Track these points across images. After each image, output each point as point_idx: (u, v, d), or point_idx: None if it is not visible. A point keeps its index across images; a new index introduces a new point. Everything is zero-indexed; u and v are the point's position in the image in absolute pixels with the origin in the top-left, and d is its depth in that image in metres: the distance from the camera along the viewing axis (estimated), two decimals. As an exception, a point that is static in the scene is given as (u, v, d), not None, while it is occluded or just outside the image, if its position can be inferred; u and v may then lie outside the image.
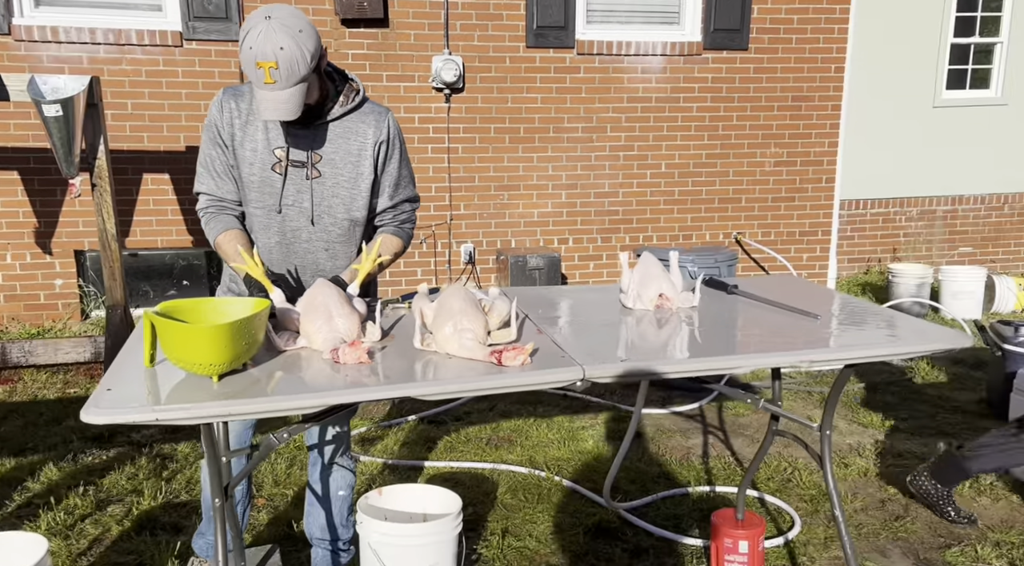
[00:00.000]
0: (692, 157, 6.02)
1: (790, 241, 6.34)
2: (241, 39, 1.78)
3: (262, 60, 1.74)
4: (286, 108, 1.80)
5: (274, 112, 1.80)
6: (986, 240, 7.34)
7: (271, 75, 1.75)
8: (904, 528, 2.85)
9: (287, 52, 1.74)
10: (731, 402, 4.16)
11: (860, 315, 2.02)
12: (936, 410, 4.04)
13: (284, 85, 1.77)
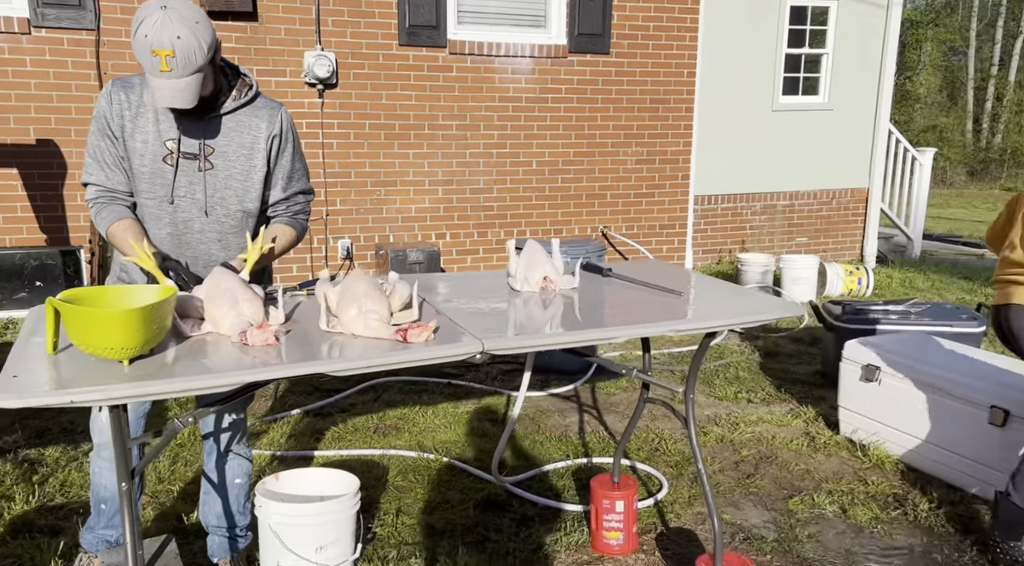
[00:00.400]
0: (561, 155, 6.32)
1: (651, 234, 6.79)
2: (134, 28, 1.80)
3: (158, 48, 1.76)
4: (183, 96, 1.83)
5: (171, 100, 1.83)
6: (818, 232, 8.17)
7: (167, 63, 1.78)
8: (754, 484, 3.21)
9: (184, 42, 1.78)
10: (603, 382, 4.45)
11: (715, 291, 2.31)
12: (780, 382, 4.52)
13: (180, 74, 1.80)
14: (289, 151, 2.17)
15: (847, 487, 3.18)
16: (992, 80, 26.34)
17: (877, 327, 4.24)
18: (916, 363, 3.35)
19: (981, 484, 3.06)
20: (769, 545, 2.73)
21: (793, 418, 3.94)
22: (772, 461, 3.44)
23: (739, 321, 2.01)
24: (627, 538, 2.63)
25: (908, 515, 2.96)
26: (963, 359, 3.34)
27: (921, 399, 3.27)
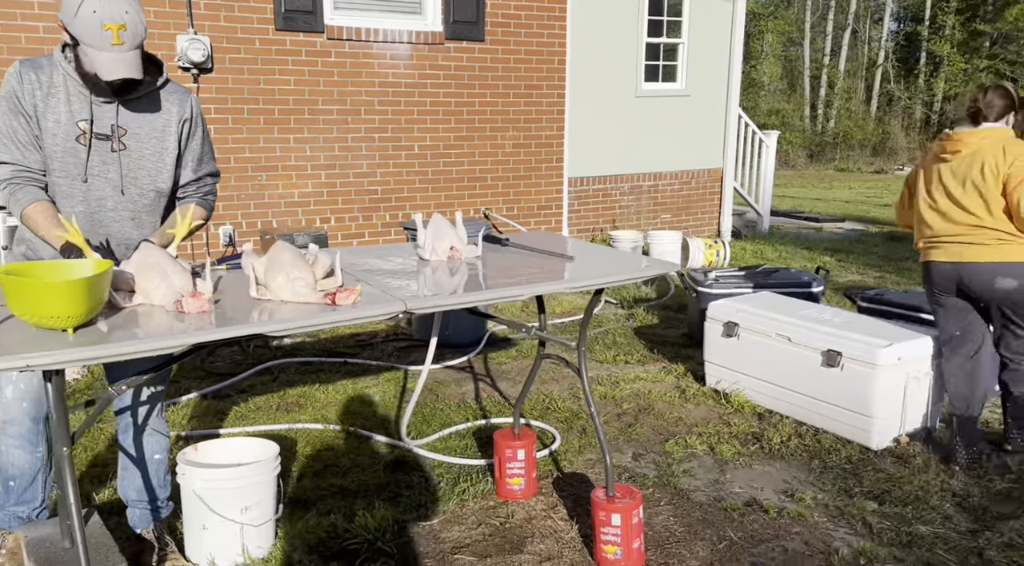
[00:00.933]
0: (442, 139, 6.51)
1: (530, 214, 7.12)
2: (76, 6, 1.86)
3: (110, 22, 1.85)
4: (134, 66, 1.93)
5: (125, 70, 1.92)
6: (680, 209, 8.82)
7: (119, 37, 1.87)
8: (635, 432, 3.58)
9: (131, 16, 1.89)
10: (494, 353, 4.72)
11: (601, 256, 2.61)
12: (652, 345, 4.96)
13: (130, 46, 1.91)
14: (199, 134, 2.26)
15: (714, 429, 3.61)
16: (825, 69, 28.71)
17: (734, 290, 4.74)
18: (767, 318, 3.83)
19: (822, 417, 3.57)
20: (651, 480, 3.09)
21: (666, 375, 4.36)
22: (649, 412, 3.83)
23: (625, 278, 2.31)
24: (528, 483, 2.90)
25: (764, 448, 3.42)
26: (805, 313, 3.85)
27: (772, 349, 3.75)
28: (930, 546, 2.64)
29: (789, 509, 2.88)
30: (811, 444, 3.45)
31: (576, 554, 2.58)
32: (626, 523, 2.43)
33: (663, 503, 2.93)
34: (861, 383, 3.37)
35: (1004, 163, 3.00)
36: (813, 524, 2.79)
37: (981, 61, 26.53)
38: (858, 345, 3.40)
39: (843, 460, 3.30)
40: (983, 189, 3.06)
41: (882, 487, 3.05)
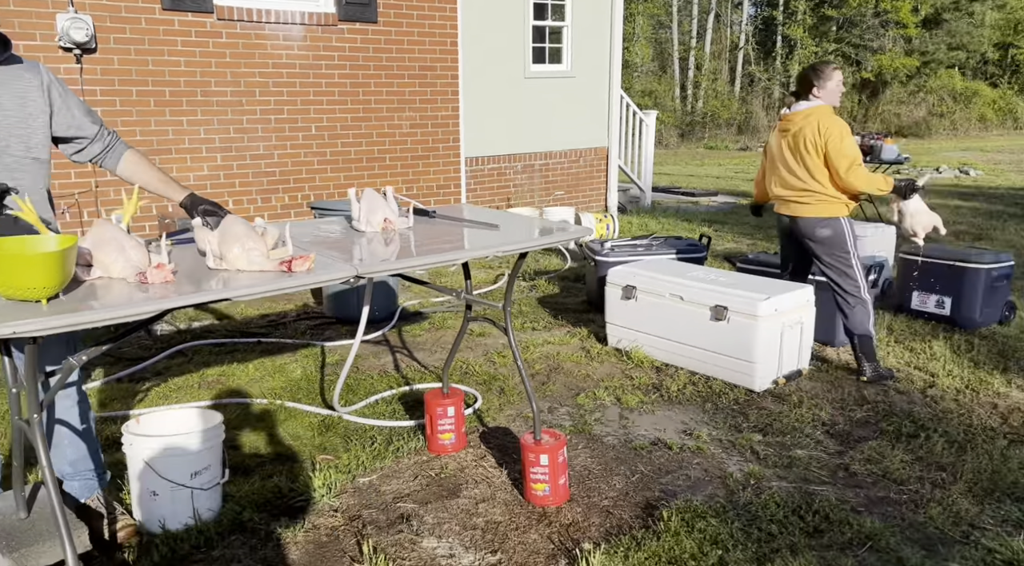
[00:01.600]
0: (339, 120, 6.54)
1: (429, 194, 7.27)
2: None
3: None
4: None
5: None
6: (571, 187, 9.22)
7: None
8: (548, 389, 3.87)
9: None
10: (408, 326, 4.89)
11: (522, 223, 2.85)
12: (556, 312, 5.28)
13: None
14: (68, 92, 2.28)
15: (618, 383, 3.95)
16: (692, 51, 30.14)
17: (629, 257, 5.12)
18: (661, 281, 4.21)
19: (712, 366, 3.99)
20: (567, 429, 3.39)
21: (571, 338, 4.69)
22: (559, 371, 4.13)
23: (546, 241, 2.56)
24: (458, 438, 3.13)
25: (663, 396, 3.80)
26: (694, 274, 4.26)
27: (666, 307, 4.14)
28: (806, 465, 3.08)
29: (689, 445, 3.25)
30: (704, 390, 3.86)
31: (508, 495, 2.83)
32: (553, 462, 2.70)
33: (580, 447, 3.23)
34: (745, 333, 3.80)
35: (820, 138, 3.74)
36: (710, 455, 3.17)
37: (830, 44, 28.70)
38: (741, 299, 3.83)
39: (731, 402, 3.72)
40: (807, 160, 3.80)
41: (765, 421, 3.49)
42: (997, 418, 3.53)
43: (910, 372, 4.09)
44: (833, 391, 3.86)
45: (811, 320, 4.01)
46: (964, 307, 4.67)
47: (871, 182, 3.75)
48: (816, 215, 3.85)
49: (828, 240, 3.86)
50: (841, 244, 3.86)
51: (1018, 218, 9.01)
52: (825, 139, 3.72)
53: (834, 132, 3.71)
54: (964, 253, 4.74)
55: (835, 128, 3.72)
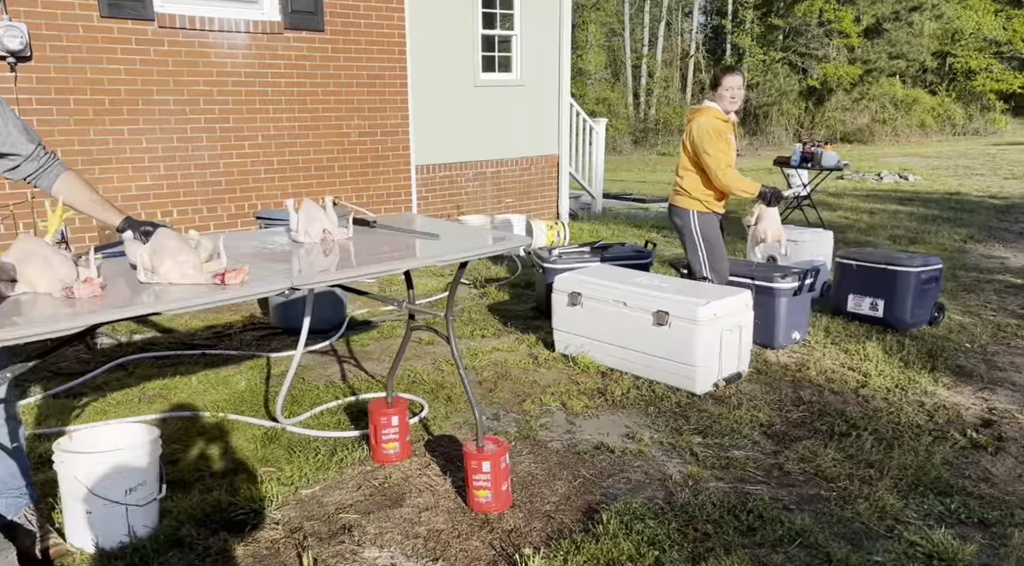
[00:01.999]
0: (286, 129, 6.49)
1: (380, 201, 7.26)
2: None
3: None
4: None
5: None
6: (522, 194, 9.28)
7: None
8: (495, 396, 3.91)
9: None
10: (355, 336, 4.87)
11: (463, 233, 2.88)
12: (505, 319, 5.32)
13: None
14: (5, 108, 2.27)
15: (564, 389, 4.01)
16: (645, 59, 30.58)
17: (576, 264, 5.19)
18: (605, 287, 4.28)
19: (655, 370, 4.07)
20: (512, 435, 3.43)
21: (519, 344, 4.73)
22: (507, 378, 4.17)
23: (486, 251, 2.60)
24: (402, 447, 3.14)
25: (608, 401, 3.86)
26: (637, 280, 4.34)
27: (610, 313, 4.21)
28: (743, 466, 3.17)
29: (631, 448, 3.32)
30: (647, 394, 3.94)
31: (451, 502, 2.86)
32: (495, 469, 2.73)
33: (524, 453, 3.27)
34: (685, 338, 3.89)
35: (694, 139, 4.26)
36: (651, 458, 3.24)
37: (777, 52, 29.41)
38: (682, 305, 3.92)
39: (673, 405, 3.81)
40: (682, 155, 4.42)
41: (705, 424, 3.58)
42: (924, 416, 3.67)
43: (844, 373, 4.24)
44: (771, 392, 3.97)
45: (750, 324, 4.12)
46: (896, 309, 4.85)
47: (739, 184, 4.25)
48: (676, 204, 4.50)
49: (680, 228, 4.51)
50: (689, 233, 4.45)
51: (951, 222, 9.37)
52: (698, 141, 4.23)
53: (704, 135, 4.20)
54: (895, 257, 4.93)
55: (705, 135, 4.20)
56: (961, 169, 16.61)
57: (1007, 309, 5.51)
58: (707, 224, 4.43)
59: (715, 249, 4.45)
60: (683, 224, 4.47)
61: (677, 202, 4.50)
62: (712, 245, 4.44)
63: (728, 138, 4.30)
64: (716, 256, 4.46)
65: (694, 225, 4.42)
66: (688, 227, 4.45)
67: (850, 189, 13.38)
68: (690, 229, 4.44)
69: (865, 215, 9.93)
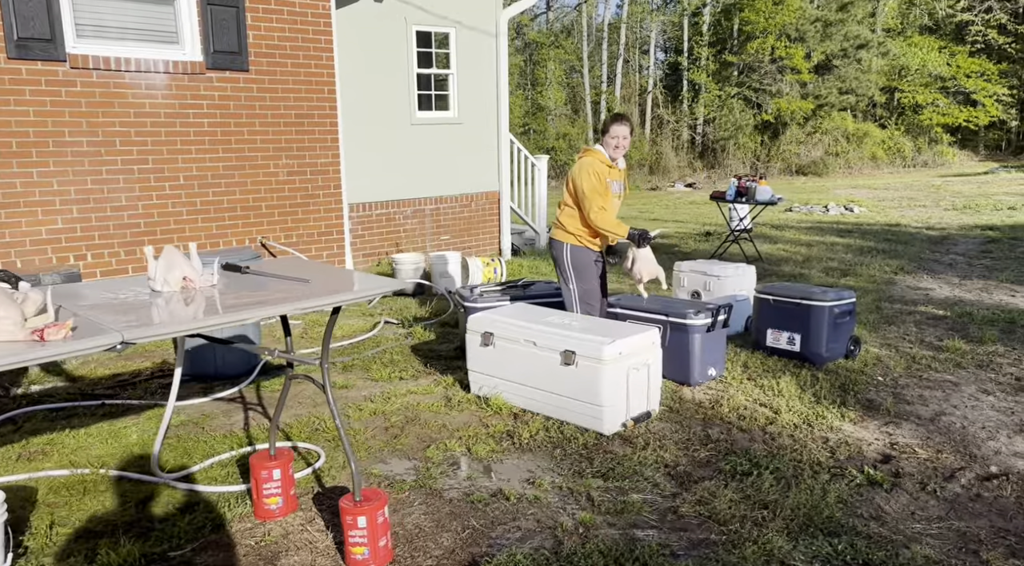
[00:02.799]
0: (210, 169, 6.40)
1: (310, 241, 7.17)
2: None
3: None
4: None
5: None
6: (463, 231, 9.26)
7: None
8: (400, 442, 3.81)
9: None
10: (268, 381, 4.75)
11: (339, 276, 2.81)
12: (427, 360, 5.23)
13: None
14: None
15: (473, 432, 3.93)
16: (604, 95, 31.08)
17: (496, 303, 5.15)
18: (517, 326, 4.23)
19: (565, 411, 4.01)
20: (408, 484, 3.33)
21: (435, 386, 4.65)
22: (416, 422, 4.07)
23: (351, 297, 2.53)
24: (286, 501, 3.02)
25: (515, 444, 3.78)
26: (549, 319, 4.30)
27: (522, 353, 4.15)
28: (638, 510, 3.11)
29: (528, 495, 3.24)
30: (555, 436, 3.87)
31: (328, 560, 2.74)
32: (371, 524, 2.63)
33: (416, 504, 3.17)
34: (592, 377, 3.85)
35: (570, 174, 4.53)
36: (546, 505, 3.16)
37: (732, 88, 30.12)
38: (588, 344, 3.88)
39: (580, 447, 3.74)
40: (564, 192, 4.59)
41: (609, 466, 3.52)
42: (826, 452, 3.66)
43: (756, 409, 4.22)
44: (680, 431, 3.93)
45: (658, 361, 4.09)
46: (812, 343, 4.87)
47: (609, 226, 4.40)
48: (553, 237, 4.65)
49: (555, 259, 4.66)
50: (562, 266, 4.61)
51: (885, 254, 9.54)
52: (577, 180, 4.43)
53: (584, 176, 4.40)
54: (810, 291, 4.96)
55: (583, 176, 4.39)
56: (905, 201, 17.04)
57: (924, 341, 5.58)
58: (579, 258, 4.57)
59: (585, 282, 4.60)
60: (557, 256, 4.62)
61: (554, 235, 4.66)
62: (582, 278, 4.58)
63: (607, 183, 4.51)
64: (586, 289, 4.60)
65: (566, 258, 4.58)
66: (561, 259, 4.60)
67: (795, 221, 13.60)
68: (563, 261, 4.59)
69: (803, 247, 10.07)
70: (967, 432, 3.94)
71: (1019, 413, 4.19)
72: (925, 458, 3.62)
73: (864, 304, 6.64)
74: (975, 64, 29.12)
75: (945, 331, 5.85)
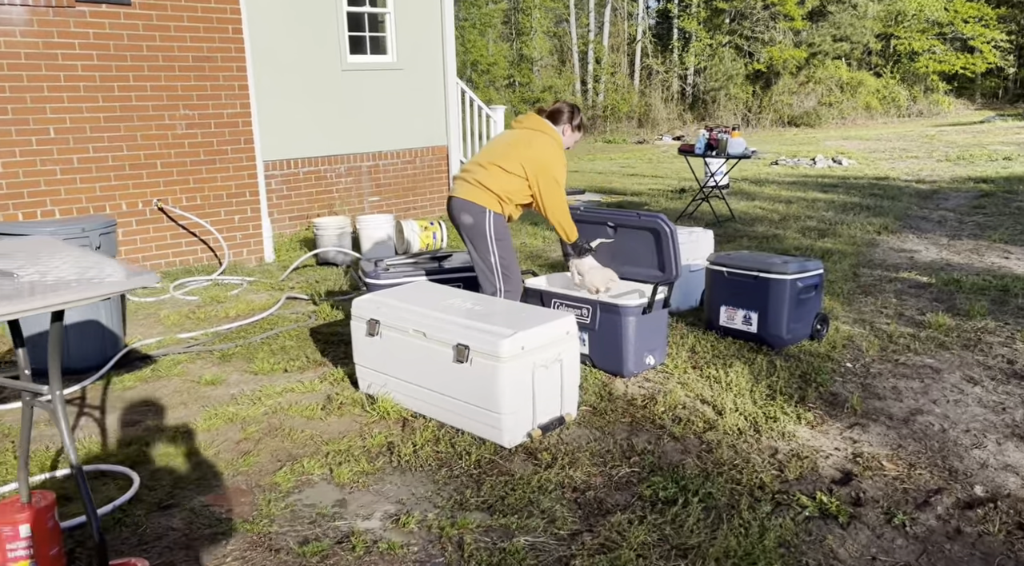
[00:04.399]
0: (88, 120, 5.54)
1: (219, 204, 6.34)
2: None
3: None
4: None
5: None
6: (406, 190, 8.43)
7: None
8: (248, 461, 3.07)
9: None
10: (126, 375, 4.00)
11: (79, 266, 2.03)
12: (325, 346, 4.48)
13: None
14: None
15: (345, 446, 3.19)
16: (591, 45, 29.83)
17: (406, 278, 4.37)
18: (406, 313, 3.46)
19: (460, 417, 3.27)
20: (236, 527, 2.60)
21: (320, 382, 3.90)
22: (278, 433, 3.34)
23: (72, 298, 1.76)
24: (45, 562, 2.29)
25: (393, 462, 3.05)
26: (449, 303, 3.53)
27: (411, 347, 3.40)
28: (521, 560, 2.39)
29: (384, 541, 2.52)
30: (445, 450, 3.14)
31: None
32: None
33: (231, 558, 2.45)
34: (488, 378, 3.10)
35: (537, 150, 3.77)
36: (400, 558, 2.44)
37: (723, 36, 28.90)
38: (483, 337, 3.13)
39: (472, 465, 3.02)
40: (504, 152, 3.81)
41: (499, 493, 2.80)
42: (773, 470, 2.94)
43: (696, 408, 3.50)
44: (600, 440, 3.21)
45: (574, 355, 3.34)
46: (770, 324, 4.13)
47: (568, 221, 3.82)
48: (469, 199, 3.77)
49: (469, 228, 3.81)
50: (481, 235, 3.79)
51: (869, 211, 8.76)
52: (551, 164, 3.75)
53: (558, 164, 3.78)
54: (767, 262, 4.20)
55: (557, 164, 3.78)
56: (897, 152, 16.20)
57: (904, 315, 4.85)
58: (502, 226, 3.82)
59: (508, 252, 3.85)
60: (475, 223, 3.78)
61: (471, 196, 3.78)
62: (504, 246, 3.82)
63: None
64: (510, 260, 3.85)
65: (489, 224, 3.77)
66: (483, 226, 3.77)
67: (779, 175, 12.79)
68: (485, 228, 3.77)
69: (782, 205, 9.28)
70: (947, 437, 3.23)
71: (1011, 409, 3.49)
72: (894, 476, 2.92)
73: (839, 271, 5.89)
74: (973, 9, 27.91)
75: (928, 302, 5.12)
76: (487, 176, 3.77)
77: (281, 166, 7.27)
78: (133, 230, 5.88)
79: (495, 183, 3.75)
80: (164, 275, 5.97)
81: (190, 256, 6.24)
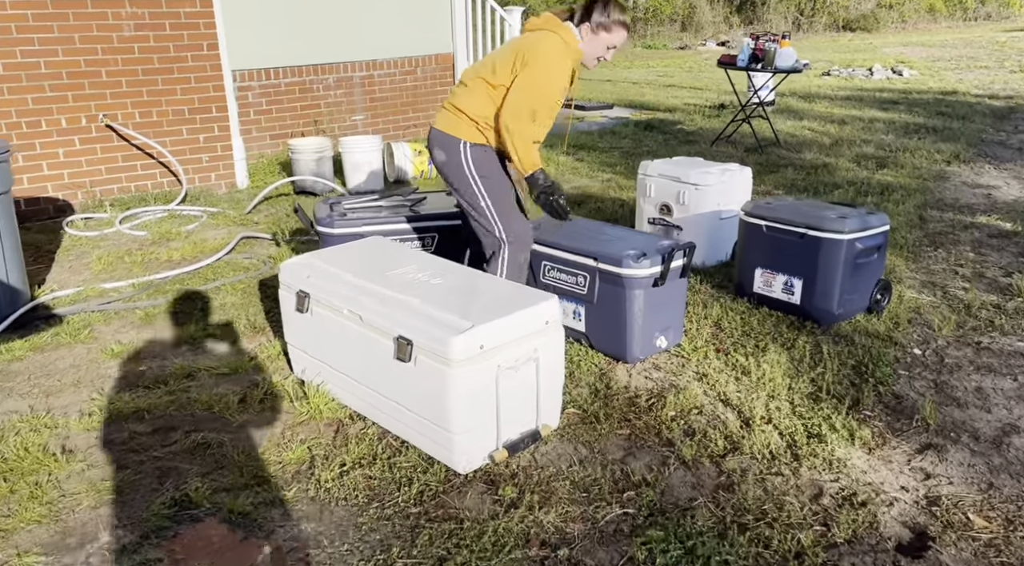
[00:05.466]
0: (12, 18, 4.67)
1: (180, 121, 5.50)
2: None
3: None
4: None
5: None
6: (405, 105, 7.46)
7: None
8: (113, 484, 2.38)
9: None
10: (21, 341, 3.29)
11: None
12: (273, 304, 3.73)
13: None
14: None
15: (255, 462, 2.47)
16: (632, -63, 27.42)
17: (367, 228, 3.55)
18: (341, 285, 2.67)
19: (406, 427, 2.52)
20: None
21: (249, 360, 3.16)
22: (172, 436, 2.62)
23: None
24: None
25: (309, 490, 2.33)
26: (399, 273, 2.71)
27: (346, 331, 2.62)
28: None
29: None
30: (382, 473, 2.41)
31: None
32: None
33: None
34: (437, 386, 2.32)
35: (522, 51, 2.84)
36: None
37: (776, -73, 26.31)
38: (429, 331, 2.32)
39: (412, 499, 2.28)
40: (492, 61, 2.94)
41: (440, 549, 2.07)
42: (816, 525, 2.15)
43: (716, 413, 2.70)
44: (588, 462, 2.45)
45: (556, 352, 2.53)
46: (817, 295, 3.26)
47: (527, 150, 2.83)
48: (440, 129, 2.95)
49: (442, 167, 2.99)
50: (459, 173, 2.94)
51: (936, 134, 7.59)
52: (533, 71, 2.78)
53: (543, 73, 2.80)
54: (818, 215, 3.26)
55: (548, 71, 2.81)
56: (964, 61, 14.59)
57: (985, 276, 3.92)
58: (484, 159, 2.93)
59: (503, 192, 2.97)
60: (448, 159, 2.93)
61: (445, 125, 2.94)
62: (497, 187, 2.95)
63: (564, 87, 2.90)
64: (505, 204, 2.96)
65: (466, 159, 2.91)
66: (458, 164, 2.92)
67: (832, 88, 11.46)
68: (460, 167, 2.92)
69: (833, 126, 8.12)
70: (1057, 473, 2.40)
71: None
72: (987, 539, 2.11)
73: (903, 215, 4.91)
74: None
75: (1014, 258, 4.18)
76: (466, 96, 2.90)
77: (259, 76, 6.35)
78: (76, 150, 5.09)
79: (474, 104, 2.88)
80: (115, 204, 5.22)
81: (148, 181, 5.46)
